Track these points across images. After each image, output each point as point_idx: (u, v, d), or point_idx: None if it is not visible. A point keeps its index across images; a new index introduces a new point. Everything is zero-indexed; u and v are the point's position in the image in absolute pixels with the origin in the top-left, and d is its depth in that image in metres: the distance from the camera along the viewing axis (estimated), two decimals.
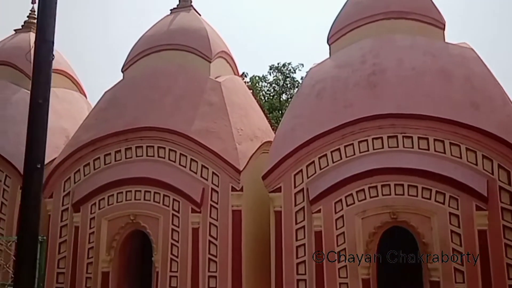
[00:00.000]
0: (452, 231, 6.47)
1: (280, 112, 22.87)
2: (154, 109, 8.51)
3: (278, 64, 25.55)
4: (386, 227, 6.86)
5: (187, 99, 8.59)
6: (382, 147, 7.04)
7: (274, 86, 25.73)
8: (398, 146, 6.98)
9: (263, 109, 11.54)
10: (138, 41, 9.96)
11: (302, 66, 24.90)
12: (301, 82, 14.54)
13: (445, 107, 6.96)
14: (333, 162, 7.18)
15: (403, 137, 6.96)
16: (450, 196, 6.54)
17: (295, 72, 25.32)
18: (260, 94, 24.25)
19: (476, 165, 6.64)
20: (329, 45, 9.08)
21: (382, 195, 6.80)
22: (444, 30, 8.51)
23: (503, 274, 6.28)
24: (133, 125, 8.34)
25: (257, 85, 25.00)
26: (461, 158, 6.71)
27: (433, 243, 6.51)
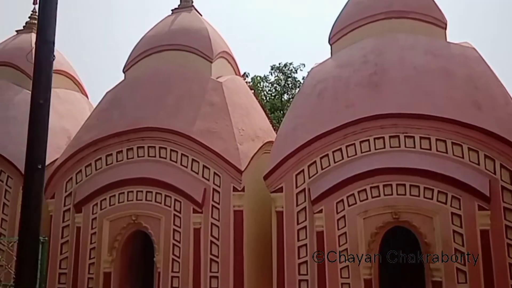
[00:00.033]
0: (454, 231, 6.45)
1: (281, 112, 22.84)
2: (155, 109, 8.51)
3: (280, 64, 25.53)
4: (388, 227, 6.84)
5: (189, 100, 8.59)
6: (384, 147, 7.02)
7: (275, 86, 25.71)
8: (400, 146, 6.96)
9: (265, 109, 11.51)
10: (140, 41, 9.97)
11: (304, 66, 24.88)
12: (302, 82, 14.54)
13: (447, 107, 6.94)
14: (334, 162, 7.17)
15: (405, 137, 6.94)
16: (452, 196, 6.52)
17: (297, 72, 25.30)
18: (261, 94, 24.23)
19: (478, 164, 6.62)
20: (330, 45, 9.08)
21: (384, 195, 6.78)
22: (445, 29, 8.48)
23: (506, 274, 6.26)
24: (134, 125, 8.34)
25: (258, 85, 24.99)
26: (463, 157, 6.69)
27: (435, 243, 6.49)
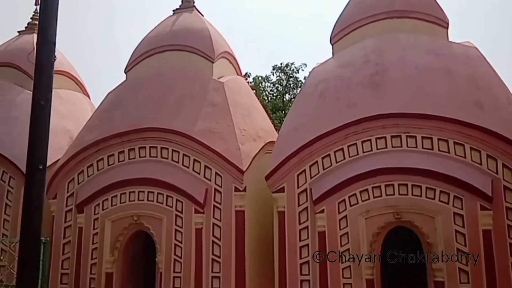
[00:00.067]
0: (456, 231, 6.43)
1: (283, 112, 22.84)
2: (157, 109, 8.51)
3: (281, 64, 25.55)
4: (390, 227, 6.83)
5: (190, 100, 8.59)
6: (386, 147, 7.00)
7: (277, 86, 25.71)
8: (401, 146, 6.94)
9: (266, 109, 11.51)
10: (141, 42, 9.98)
11: (305, 66, 24.90)
12: (304, 82, 14.52)
13: (449, 107, 6.92)
14: (336, 162, 7.16)
15: (407, 136, 6.93)
16: (455, 196, 6.50)
17: (298, 72, 25.31)
18: (263, 94, 24.24)
19: (480, 164, 6.60)
20: (332, 44, 9.07)
21: (386, 195, 6.77)
22: (447, 28, 8.47)
23: (508, 274, 6.23)
24: (136, 126, 8.35)
25: (260, 85, 24.99)
26: (465, 157, 6.67)
27: (437, 243, 6.47)
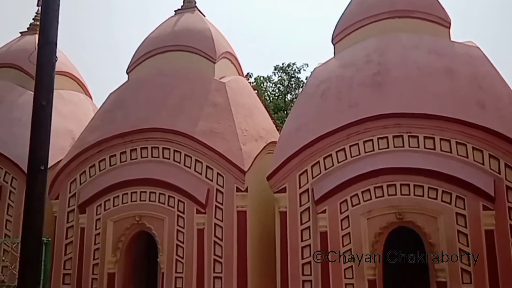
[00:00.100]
0: (458, 231, 6.41)
1: (285, 112, 22.83)
2: (159, 110, 8.52)
3: (283, 64, 25.54)
4: (392, 228, 6.81)
5: (192, 100, 8.59)
6: (388, 147, 6.99)
7: (279, 86, 25.71)
8: (403, 146, 6.93)
9: (268, 109, 11.51)
10: (143, 42, 9.99)
11: (307, 66, 24.89)
12: (306, 82, 14.51)
13: (451, 106, 6.90)
14: (338, 162, 7.15)
15: (409, 136, 6.91)
16: (457, 196, 6.48)
17: (300, 72, 25.30)
18: (265, 95, 24.23)
19: (482, 164, 6.58)
20: (333, 44, 9.06)
21: (388, 195, 6.75)
22: (449, 28, 8.45)
23: (511, 274, 6.21)
24: (138, 126, 8.36)
25: (262, 85, 25.00)
26: (467, 157, 6.65)
27: (439, 243, 6.45)
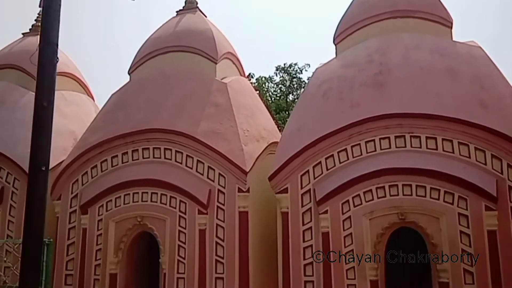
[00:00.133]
0: (461, 232, 6.39)
1: (287, 112, 22.81)
2: (160, 110, 8.52)
3: (285, 64, 25.52)
4: (394, 228, 6.79)
5: (193, 101, 8.59)
6: (390, 147, 6.97)
7: (280, 86, 25.69)
8: (405, 146, 6.91)
9: (270, 110, 11.51)
10: (145, 43, 10.00)
11: (309, 66, 24.88)
12: (307, 82, 14.49)
13: (453, 106, 6.88)
14: (340, 163, 7.13)
15: (411, 137, 6.90)
16: (459, 196, 6.46)
17: (302, 72, 25.29)
18: (266, 95, 24.23)
19: (485, 164, 6.56)
20: (335, 45, 9.04)
21: (390, 196, 6.74)
22: (451, 28, 8.42)
23: None
24: (139, 127, 8.36)
25: (263, 86, 24.99)
26: (469, 157, 6.63)
27: (442, 244, 6.43)
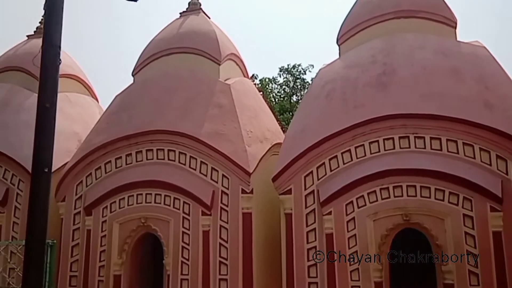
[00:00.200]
0: (466, 233, 6.35)
1: (290, 113, 22.75)
2: (164, 112, 8.53)
3: (288, 65, 25.45)
4: (398, 229, 6.76)
5: (197, 102, 8.60)
6: (394, 148, 6.94)
7: (284, 87, 25.63)
8: (410, 147, 6.88)
9: (273, 111, 11.50)
10: (148, 44, 10.02)
11: (312, 67, 24.78)
12: (311, 83, 14.47)
13: (457, 107, 6.84)
14: (343, 164, 7.11)
15: (415, 137, 6.86)
16: (464, 197, 6.42)
17: (305, 73, 25.20)
18: (270, 96, 24.19)
19: (490, 165, 6.51)
20: (338, 45, 9.03)
21: (394, 197, 6.70)
22: (455, 28, 8.39)
23: None
24: (143, 128, 8.38)
25: (267, 87, 24.94)
26: (474, 158, 6.59)
27: (446, 245, 6.39)
